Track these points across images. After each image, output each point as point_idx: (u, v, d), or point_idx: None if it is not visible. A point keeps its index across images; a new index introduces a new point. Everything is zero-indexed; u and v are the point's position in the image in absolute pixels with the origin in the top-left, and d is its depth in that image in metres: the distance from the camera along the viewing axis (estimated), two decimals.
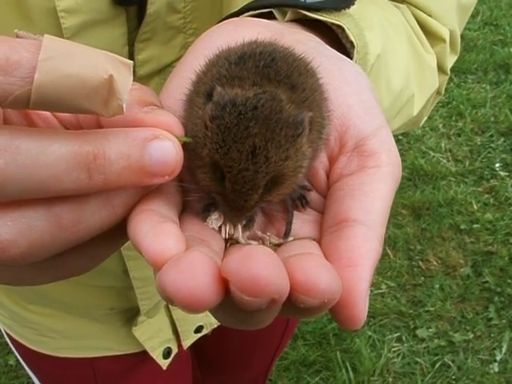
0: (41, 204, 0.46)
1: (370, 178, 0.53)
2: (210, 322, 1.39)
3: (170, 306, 1.31)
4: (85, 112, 0.45)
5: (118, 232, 0.52)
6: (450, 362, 2.78)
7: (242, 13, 0.71)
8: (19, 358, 1.48)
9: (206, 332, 1.41)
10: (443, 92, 0.98)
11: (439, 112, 4.00)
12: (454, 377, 2.73)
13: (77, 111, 0.45)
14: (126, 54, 0.84)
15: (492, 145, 3.77)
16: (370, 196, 0.52)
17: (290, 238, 0.56)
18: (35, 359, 1.42)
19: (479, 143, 3.80)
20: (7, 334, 1.43)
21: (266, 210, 0.58)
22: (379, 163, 0.54)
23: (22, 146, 0.43)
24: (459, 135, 3.87)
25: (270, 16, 0.71)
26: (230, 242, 0.55)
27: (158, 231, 0.46)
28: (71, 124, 0.54)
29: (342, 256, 0.49)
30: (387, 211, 0.53)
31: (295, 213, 0.58)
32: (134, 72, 0.87)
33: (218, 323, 1.40)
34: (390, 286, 3.07)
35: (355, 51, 0.68)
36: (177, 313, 1.33)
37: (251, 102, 0.50)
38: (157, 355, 1.35)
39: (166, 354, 1.37)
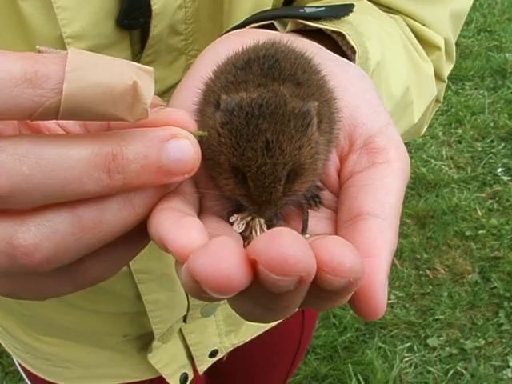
0: (63, 207, 0.47)
1: (381, 173, 0.55)
2: (224, 346, 1.38)
3: (183, 331, 1.30)
4: (111, 118, 0.46)
5: (137, 234, 0.53)
6: (463, 370, 2.76)
7: (245, 25, 0.73)
8: None
9: (221, 356, 1.39)
10: (442, 100, 0.99)
11: (438, 120, 4.01)
12: None
13: (103, 118, 0.46)
14: None
15: (493, 150, 3.78)
16: (382, 190, 0.53)
17: (307, 235, 0.57)
18: None
19: (480, 149, 3.80)
20: (21, 367, 1.42)
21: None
22: (388, 158, 0.55)
23: (44, 151, 0.45)
24: (460, 142, 3.88)
25: (271, 28, 0.73)
26: (248, 240, 0.56)
27: (181, 224, 0.46)
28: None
29: (358, 248, 0.49)
30: (400, 204, 0.54)
31: (310, 211, 0.59)
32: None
33: (233, 347, 1.39)
34: (398, 296, 3.06)
35: (356, 56, 0.70)
36: (191, 338, 1.32)
37: (256, 102, 0.53)
38: (174, 382, 1.34)
39: (183, 379, 1.35)
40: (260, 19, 0.73)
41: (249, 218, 0.57)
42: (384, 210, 0.52)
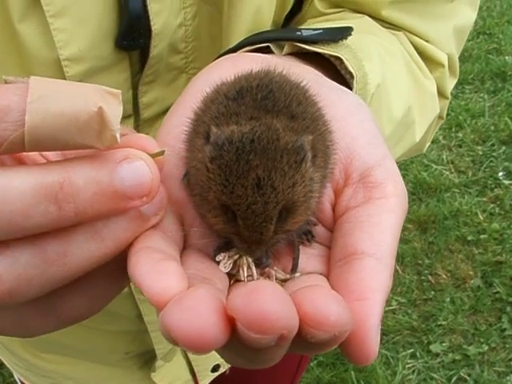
0: (24, 238, 0.45)
1: (378, 210, 0.53)
2: None
3: None
4: (79, 147, 0.44)
5: (118, 271, 0.50)
6: (466, 376, 2.75)
7: (240, 48, 0.72)
8: None
9: (223, 371, 1.38)
10: (445, 116, 0.98)
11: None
12: None
13: (72, 147, 0.44)
14: (130, 98, 0.84)
15: (494, 154, 3.77)
16: (379, 228, 0.51)
17: (297, 274, 0.55)
18: None
19: (481, 153, 3.79)
20: (22, 383, 1.42)
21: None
22: (386, 194, 0.53)
23: None
24: (460, 146, 3.87)
25: (267, 50, 0.71)
26: (235, 278, 0.54)
27: (158, 269, 0.44)
28: None
29: (351, 290, 0.48)
30: (396, 242, 0.52)
31: (301, 247, 0.57)
32: (138, 113, 0.87)
33: None
34: (400, 302, 3.04)
35: (355, 82, 0.68)
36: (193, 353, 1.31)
37: (247, 137, 0.50)
38: None
39: None
40: (256, 42, 0.72)
41: (236, 257, 0.54)
42: (379, 249, 0.50)
